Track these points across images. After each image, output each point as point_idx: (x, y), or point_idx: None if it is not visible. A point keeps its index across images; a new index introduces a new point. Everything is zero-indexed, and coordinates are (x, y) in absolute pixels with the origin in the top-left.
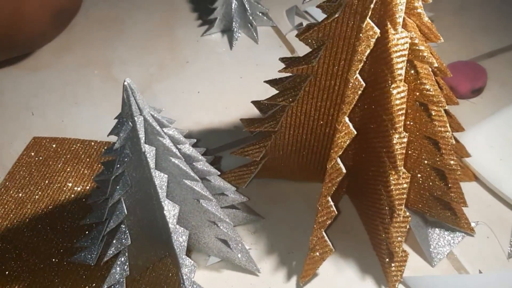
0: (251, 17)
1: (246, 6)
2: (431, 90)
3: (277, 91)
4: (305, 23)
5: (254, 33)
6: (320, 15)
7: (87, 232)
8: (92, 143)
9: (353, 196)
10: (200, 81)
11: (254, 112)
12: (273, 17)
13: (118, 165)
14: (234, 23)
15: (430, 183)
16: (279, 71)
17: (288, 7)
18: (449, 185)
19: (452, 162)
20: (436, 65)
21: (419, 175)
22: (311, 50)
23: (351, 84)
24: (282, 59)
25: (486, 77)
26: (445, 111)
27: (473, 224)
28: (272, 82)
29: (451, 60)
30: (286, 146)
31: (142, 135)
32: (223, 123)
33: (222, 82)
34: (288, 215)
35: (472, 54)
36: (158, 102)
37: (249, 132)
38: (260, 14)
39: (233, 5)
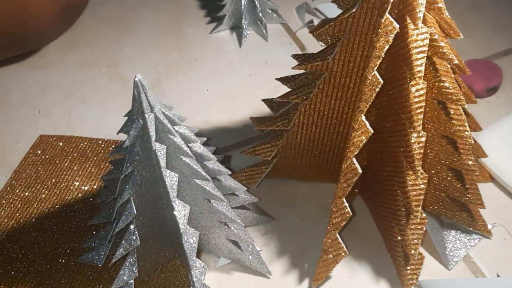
0: (260, 14)
1: (256, 3)
2: (451, 87)
3: (289, 89)
4: (315, 20)
5: (264, 31)
6: (330, 12)
7: (94, 232)
8: (100, 141)
9: (366, 197)
10: (209, 79)
11: (264, 110)
12: (283, 14)
13: (128, 164)
14: (243, 20)
15: (447, 184)
16: (293, 68)
17: (298, 4)
18: (466, 186)
19: (470, 162)
20: (456, 62)
21: (435, 176)
22: (325, 46)
23: (368, 81)
24: (295, 56)
25: (501, 76)
26: (463, 109)
27: (489, 226)
28: (283, 80)
29: (465, 59)
30: (298, 145)
31: (153, 133)
32: (232, 122)
33: (231, 80)
34: (300, 216)
35: (486, 52)
36: (166, 101)
37: (259, 131)
38: (270, 11)
39: (243, 1)
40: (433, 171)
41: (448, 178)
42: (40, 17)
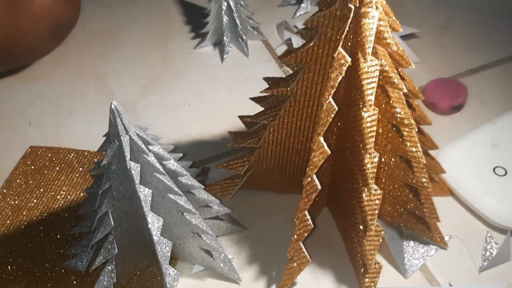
0: (241, 32)
1: (237, 21)
2: (402, 113)
3: (261, 108)
4: (293, 38)
5: (245, 47)
6: None
7: (78, 240)
8: (86, 153)
9: (332, 209)
10: (191, 94)
11: (242, 124)
12: (264, 32)
13: (106, 180)
14: (225, 37)
15: (404, 199)
16: (261, 92)
17: (279, 22)
18: (422, 201)
19: (423, 179)
20: (405, 91)
21: (393, 191)
22: (291, 72)
23: (324, 108)
24: (266, 79)
25: (466, 94)
26: (419, 130)
27: (446, 238)
28: (257, 100)
29: (434, 76)
30: (269, 160)
31: (127, 153)
32: (212, 135)
33: (212, 95)
34: (271, 227)
35: (454, 71)
36: (150, 114)
37: (235, 146)
38: (251, 28)
39: (224, 20)
40: (391, 187)
41: (405, 193)
42: (32, 34)
